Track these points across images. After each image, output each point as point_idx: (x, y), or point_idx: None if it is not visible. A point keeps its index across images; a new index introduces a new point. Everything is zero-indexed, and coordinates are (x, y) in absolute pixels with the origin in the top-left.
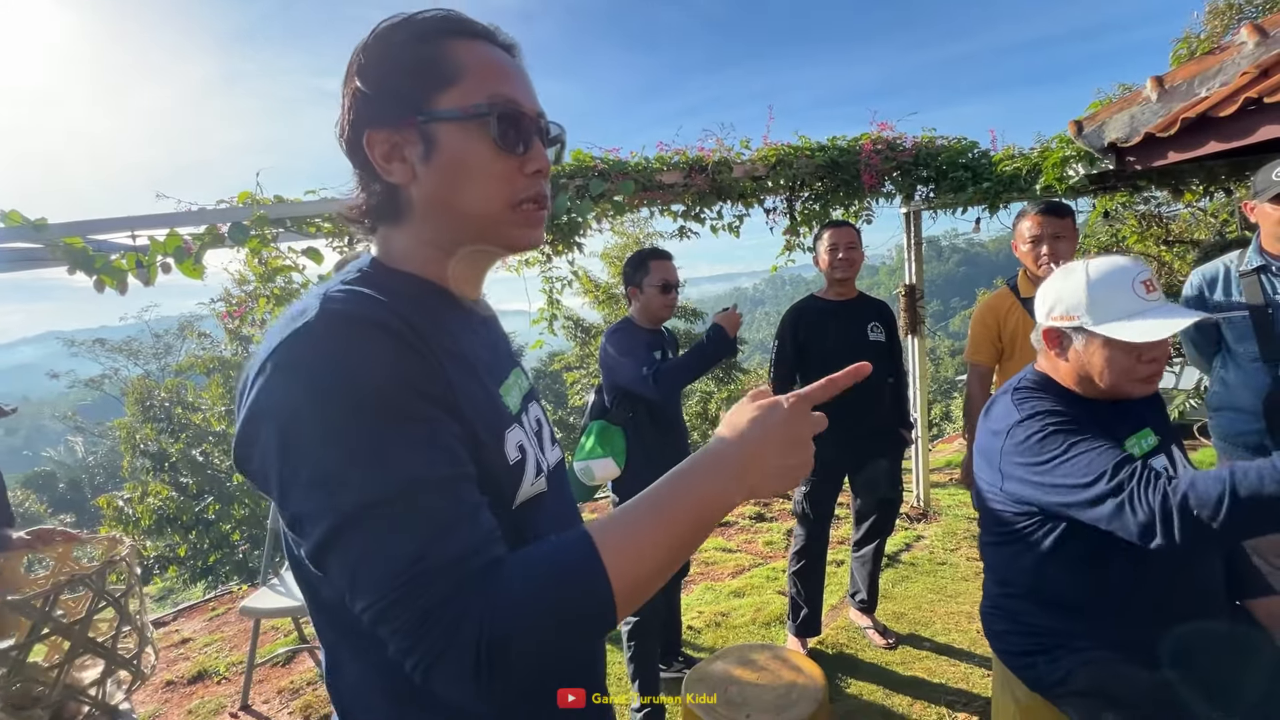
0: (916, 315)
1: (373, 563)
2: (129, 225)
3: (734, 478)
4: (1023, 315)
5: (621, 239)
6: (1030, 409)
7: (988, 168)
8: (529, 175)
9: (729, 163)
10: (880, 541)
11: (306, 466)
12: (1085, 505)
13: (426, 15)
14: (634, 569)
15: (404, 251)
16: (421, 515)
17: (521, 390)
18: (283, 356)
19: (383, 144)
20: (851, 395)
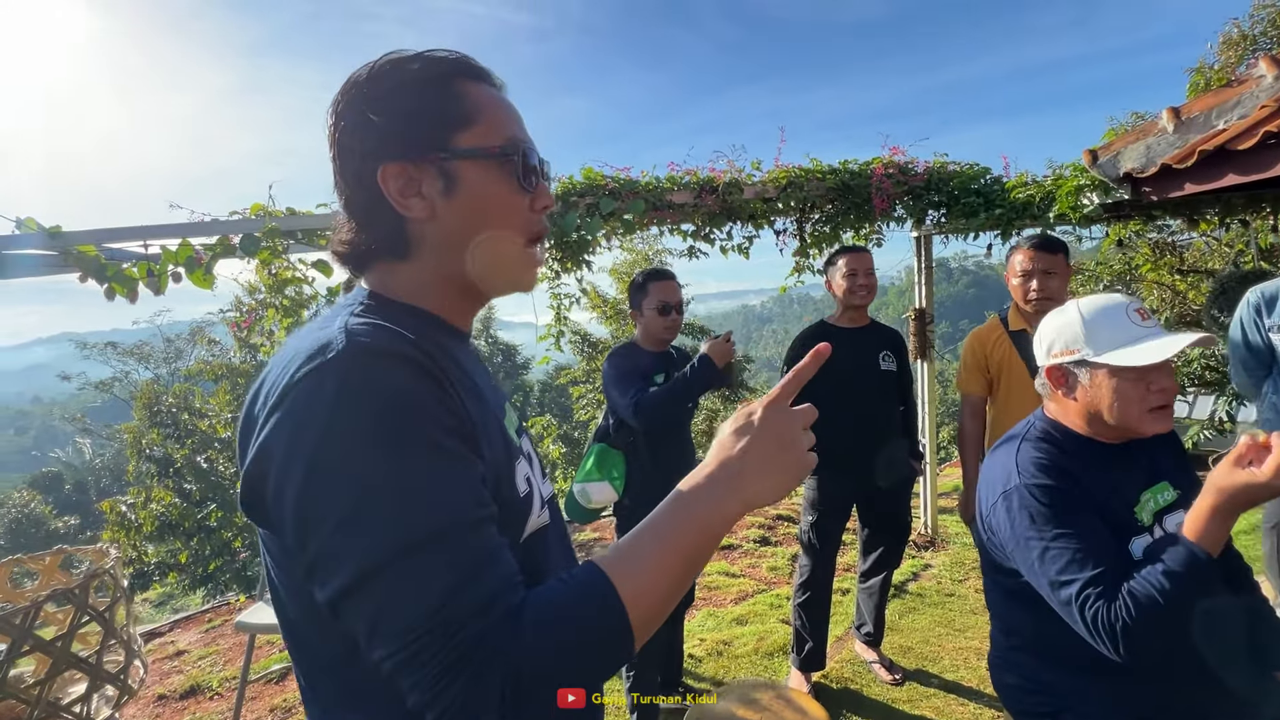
0: (926, 340)
1: (397, 610)
2: (142, 235)
3: (729, 493)
4: (1010, 348)
5: (631, 255)
6: (1029, 479)
7: (1000, 194)
8: (536, 212)
9: (740, 184)
10: (888, 574)
11: (333, 508)
12: (1051, 597)
13: (441, 55)
14: (647, 599)
15: (409, 286)
16: (448, 561)
17: (513, 423)
18: (307, 392)
19: (399, 178)
20: (861, 425)
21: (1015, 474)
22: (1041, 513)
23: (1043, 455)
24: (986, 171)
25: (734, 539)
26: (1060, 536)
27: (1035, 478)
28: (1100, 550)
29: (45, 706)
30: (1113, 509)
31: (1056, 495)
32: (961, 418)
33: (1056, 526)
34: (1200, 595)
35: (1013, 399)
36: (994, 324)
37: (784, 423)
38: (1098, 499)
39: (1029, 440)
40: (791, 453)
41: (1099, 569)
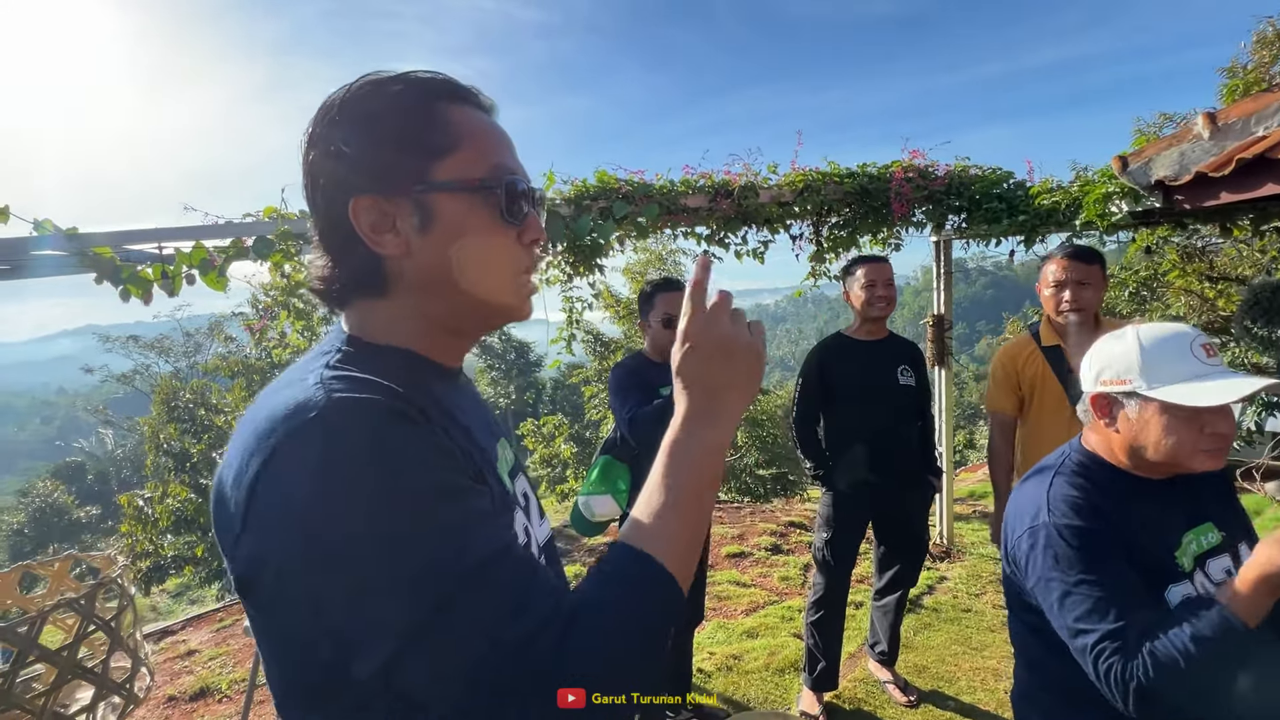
0: (944, 346)
1: (461, 658)
2: (157, 237)
3: (710, 425)
4: (1042, 364)
5: (645, 255)
6: (1058, 518)
7: (1024, 200)
8: (525, 245)
9: (755, 188)
10: (904, 592)
11: (355, 579)
12: (1069, 641)
13: (417, 77)
14: (676, 548)
15: (388, 325)
16: (496, 597)
17: (508, 464)
18: (292, 453)
19: (370, 212)
20: (878, 441)
21: (1045, 510)
22: (1067, 555)
23: (1076, 492)
24: (1009, 176)
25: (745, 546)
26: (1084, 582)
27: (1065, 517)
28: (1125, 600)
29: (51, 717)
30: (1148, 551)
31: (1085, 538)
32: (991, 437)
33: (1081, 571)
34: (1231, 664)
35: (1045, 418)
36: (1025, 340)
37: (713, 331)
38: (1132, 541)
39: (1062, 474)
40: (738, 353)
41: (1120, 622)
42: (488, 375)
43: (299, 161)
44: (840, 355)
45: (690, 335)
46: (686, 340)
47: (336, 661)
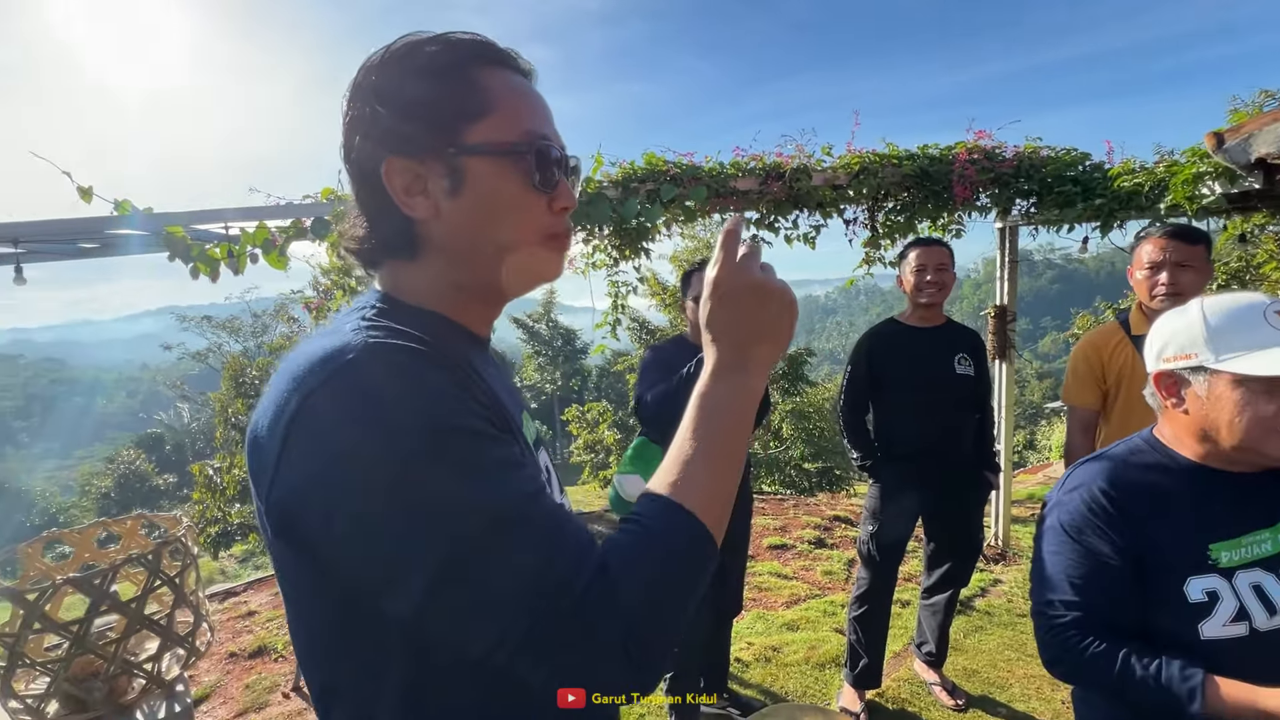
0: (1006, 339)
1: (498, 591)
2: (223, 217)
3: (737, 370)
4: (1132, 354)
5: (693, 243)
6: (1075, 490)
7: (1101, 182)
8: (556, 213)
9: (808, 170)
10: (954, 592)
11: (394, 514)
12: (1032, 594)
13: (455, 38)
14: (709, 501)
15: (419, 288)
16: (529, 538)
17: (532, 435)
18: (329, 393)
19: (404, 174)
20: (930, 432)
21: (1066, 488)
22: (1060, 529)
23: (1108, 483)
24: (1085, 157)
25: (788, 539)
26: (1066, 552)
27: (1084, 499)
28: (1107, 603)
29: (120, 663)
30: (1176, 547)
31: (1082, 534)
32: (1069, 433)
33: (1073, 543)
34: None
35: (1132, 414)
36: (1112, 328)
37: (745, 277)
38: (1158, 540)
39: (1111, 459)
40: (771, 300)
41: (1091, 608)
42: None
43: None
44: (892, 342)
45: (721, 282)
46: (717, 288)
47: (365, 600)
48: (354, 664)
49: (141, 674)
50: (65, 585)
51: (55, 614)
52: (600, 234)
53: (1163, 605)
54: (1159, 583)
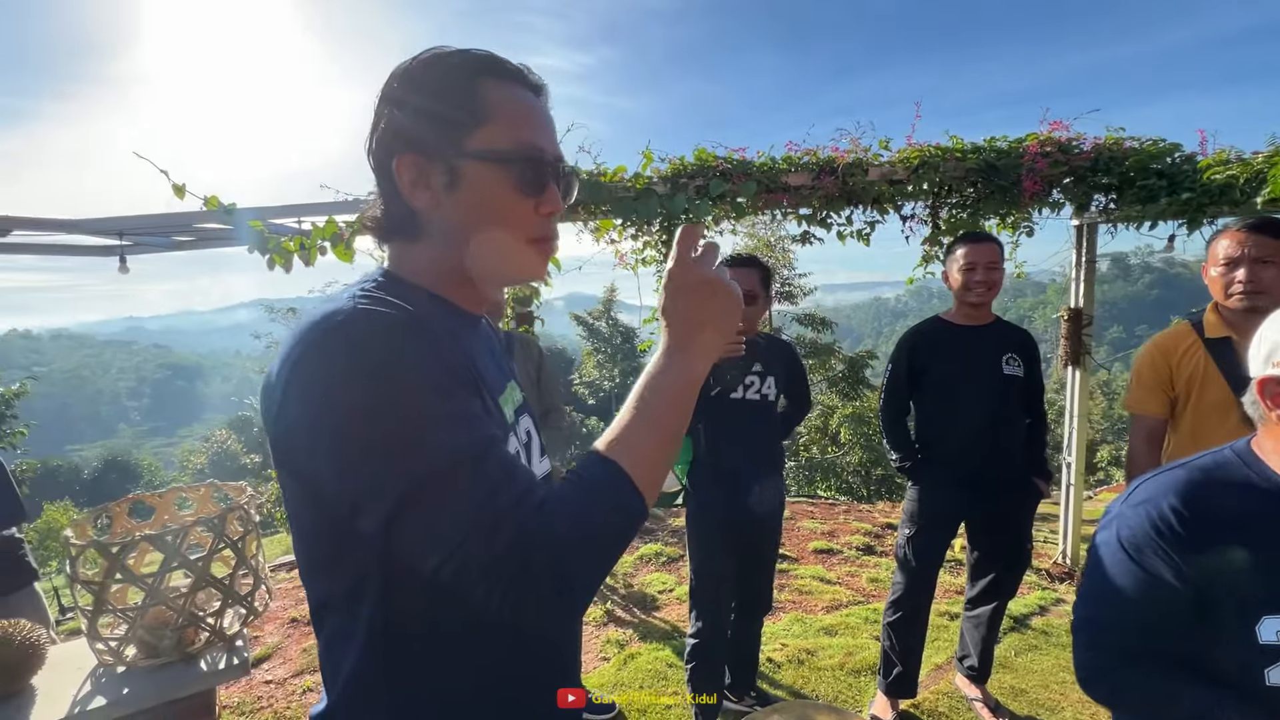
0: (1080, 344)
1: (444, 522)
2: (297, 212)
3: (682, 353)
4: (1205, 360)
5: (752, 241)
6: (1142, 505)
7: (1190, 175)
8: (541, 216)
9: (863, 164)
10: (1000, 604)
11: (371, 441)
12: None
13: (467, 53)
14: (643, 464)
15: (417, 267)
16: (482, 472)
17: (514, 403)
18: (321, 348)
19: (410, 170)
20: (973, 434)
21: (1121, 500)
22: (1114, 558)
23: (1181, 502)
24: (1175, 149)
25: (835, 544)
26: (1122, 574)
27: (1151, 517)
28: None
29: (188, 615)
30: (1257, 585)
31: (1150, 555)
32: (1132, 443)
33: (1129, 574)
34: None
35: (1204, 425)
36: (1183, 330)
37: (697, 272)
38: (1237, 581)
39: (1193, 470)
40: (719, 293)
41: (1141, 632)
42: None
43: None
44: (935, 340)
45: (675, 275)
46: (671, 280)
47: (346, 522)
48: (341, 582)
49: (206, 627)
50: (143, 541)
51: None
52: (649, 230)
53: (1226, 642)
54: (1226, 618)
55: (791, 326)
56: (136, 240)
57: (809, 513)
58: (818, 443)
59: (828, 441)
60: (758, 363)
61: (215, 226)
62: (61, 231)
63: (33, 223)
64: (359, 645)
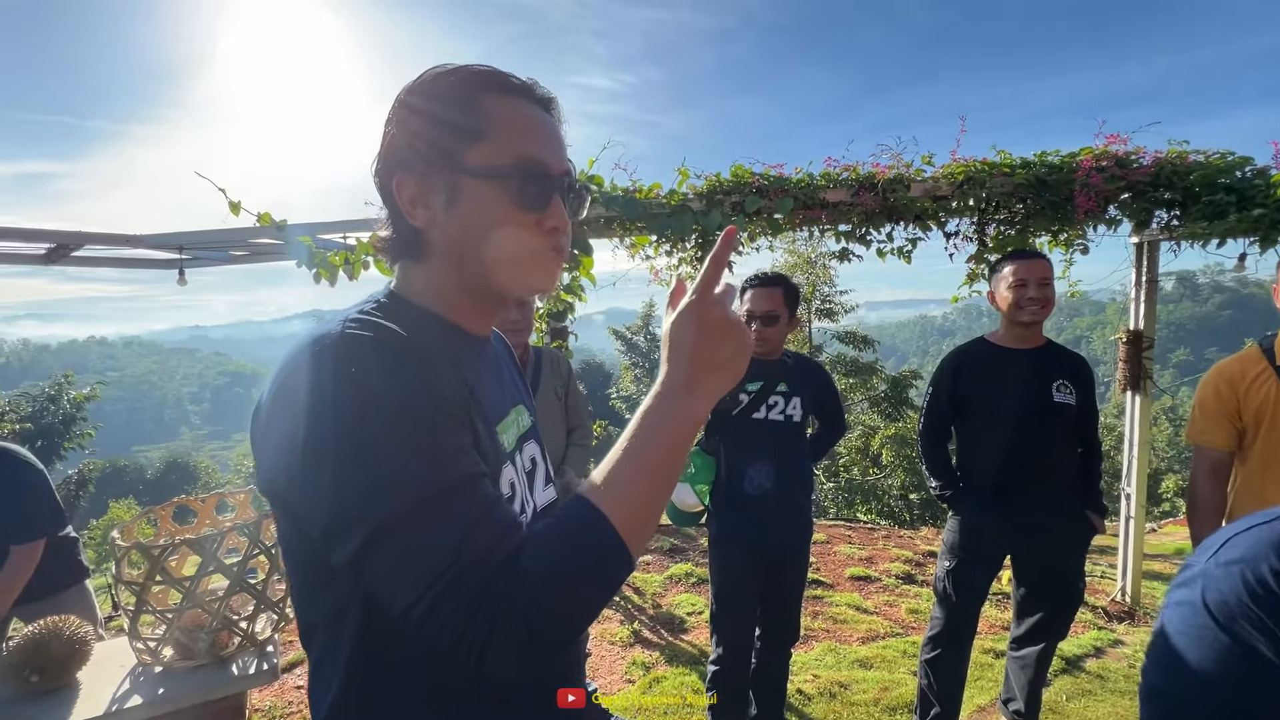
0: (1141, 367)
1: (413, 563)
2: (343, 228)
3: (685, 394)
4: (1276, 387)
5: (792, 258)
6: (1236, 565)
7: (1263, 190)
8: (546, 232)
9: (905, 180)
10: (1047, 645)
11: (339, 478)
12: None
13: (468, 69)
14: (632, 515)
15: (421, 287)
16: (454, 514)
17: (520, 429)
18: (302, 375)
19: (410, 189)
20: (1020, 464)
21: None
22: (1215, 615)
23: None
24: (1246, 162)
25: (873, 571)
26: (1215, 654)
27: (1239, 585)
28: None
29: (222, 619)
30: None
31: (1245, 625)
32: (1194, 477)
33: (1217, 645)
34: None
35: (1276, 460)
36: (1252, 355)
37: (719, 313)
38: None
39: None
40: (734, 334)
41: (1230, 711)
42: (631, 372)
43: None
44: (980, 363)
45: (696, 309)
46: (691, 310)
47: (322, 554)
48: (326, 607)
49: (239, 631)
50: (183, 545)
51: (179, 571)
52: (684, 246)
53: None
54: None
55: (832, 344)
56: (195, 255)
57: (846, 537)
58: (858, 464)
59: (868, 463)
60: (783, 382)
61: (268, 241)
62: (126, 246)
63: (99, 238)
64: (341, 672)
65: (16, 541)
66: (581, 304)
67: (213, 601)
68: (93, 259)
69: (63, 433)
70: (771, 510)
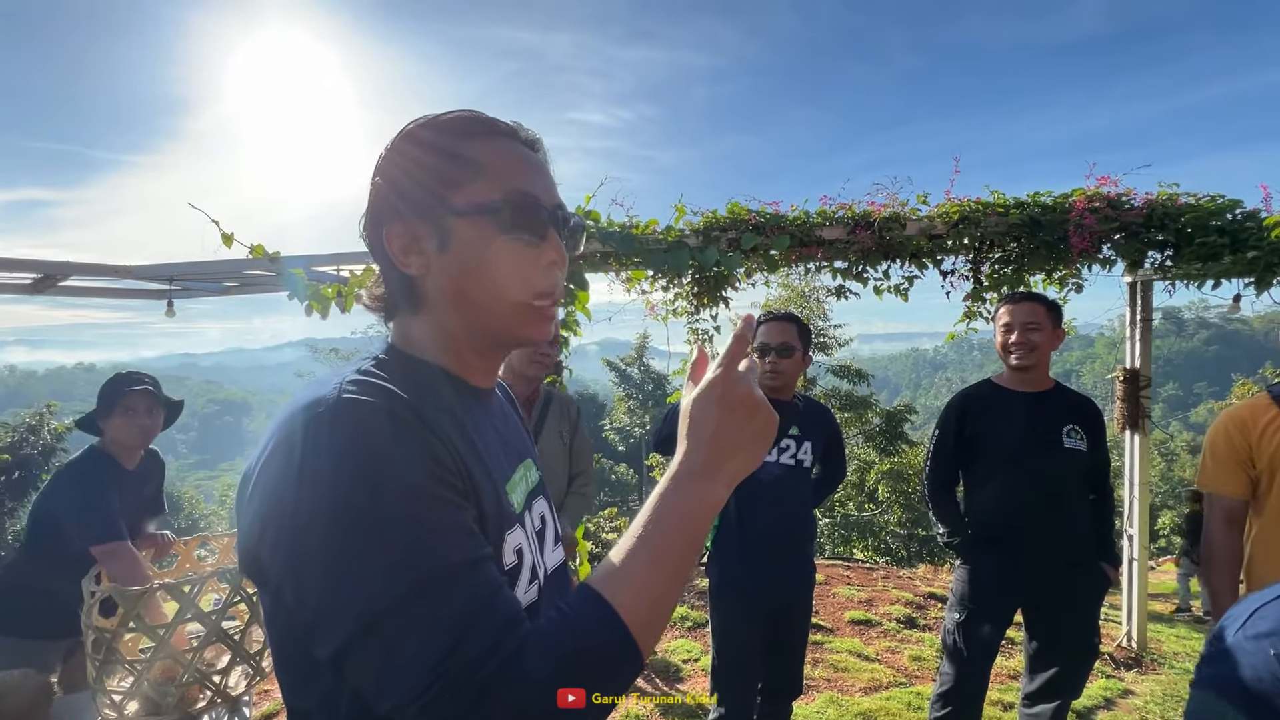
0: (1139, 406)
1: (402, 663)
2: (336, 260)
3: (707, 477)
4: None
5: (786, 292)
6: (1266, 640)
7: (1255, 233)
8: (544, 267)
9: (901, 219)
10: (1062, 703)
11: (325, 563)
12: None
13: (450, 115)
14: (644, 605)
15: (420, 340)
16: (449, 608)
17: (529, 485)
18: (294, 444)
19: (401, 237)
20: (1032, 512)
21: (1253, 633)
22: (1250, 694)
23: None
24: (1236, 205)
25: (873, 614)
26: None
27: (1273, 664)
28: None
29: (194, 671)
30: None
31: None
32: (1207, 527)
33: None
34: None
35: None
36: (1261, 403)
37: (744, 390)
38: None
39: None
40: (759, 413)
41: None
42: (625, 404)
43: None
44: (987, 407)
45: (718, 384)
46: (714, 388)
47: (306, 643)
48: (317, 693)
49: (210, 686)
50: (160, 590)
51: (154, 618)
52: (680, 282)
53: None
54: None
55: (826, 378)
56: (184, 285)
57: (845, 578)
58: (854, 499)
59: (864, 498)
60: (795, 426)
61: (261, 273)
62: (114, 277)
63: (87, 268)
64: None
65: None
66: (576, 337)
67: (187, 651)
68: (81, 289)
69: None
70: (777, 557)
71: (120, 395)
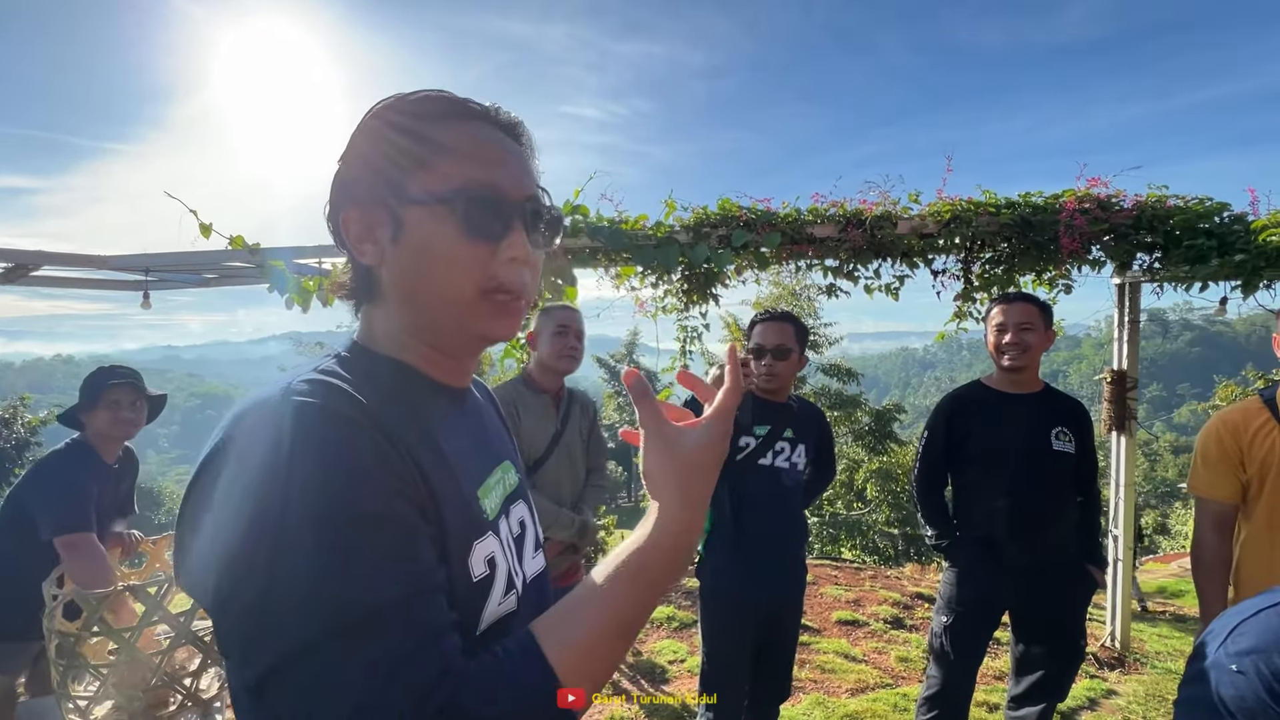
0: (1125, 408)
1: (325, 702)
2: (319, 253)
3: (683, 534)
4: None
5: (777, 289)
6: (1250, 656)
7: (1242, 236)
8: (503, 263)
9: (892, 217)
10: (1048, 706)
11: (252, 583)
12: None
13: (418, 95)
14: (586, 662)
15: (382, 333)
16: (381, 646)
17: (506, 489)
18: (232, 449)
19: (357, 224)
20: (1019, 515)
21: (1237, 650)
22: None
23: None
24: (1224, 208)
25: (861, 614)
26: None
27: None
28: None
29: (163, 675)
30: None
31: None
32: (1197, 530)
33: None
34: None
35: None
36: (1253, 407)
37: (723, 451)
38: None
39: None
40: (714, 469)
41: None
42: (615, 400)
43: None
44: (977, 409)
45: (715, 445)
46: (709, 450)
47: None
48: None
49: (181, 689)
50: (125, 592)
51: (121, 621)
52: (670, 279)
53: None
54: None
55: (816, 377)
56: (162, 276)
57: (833, 578)
58: (843, 498)
59: (853, 497)
60: (789, 428)
61: (241, 265)
62: (90, 268)
63: (61, 258)
64: None
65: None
66: None
67: (155, 654)
68: (54, 279)
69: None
70: (771, 560)
71: (103, 389)
